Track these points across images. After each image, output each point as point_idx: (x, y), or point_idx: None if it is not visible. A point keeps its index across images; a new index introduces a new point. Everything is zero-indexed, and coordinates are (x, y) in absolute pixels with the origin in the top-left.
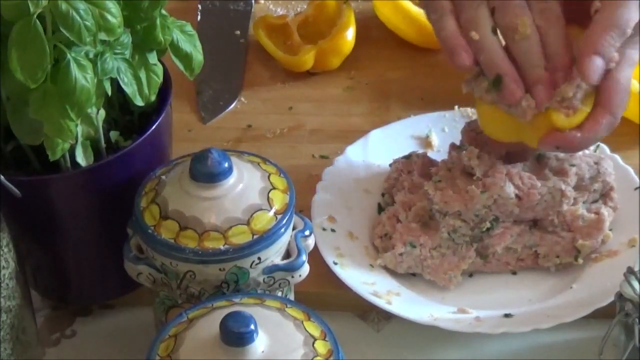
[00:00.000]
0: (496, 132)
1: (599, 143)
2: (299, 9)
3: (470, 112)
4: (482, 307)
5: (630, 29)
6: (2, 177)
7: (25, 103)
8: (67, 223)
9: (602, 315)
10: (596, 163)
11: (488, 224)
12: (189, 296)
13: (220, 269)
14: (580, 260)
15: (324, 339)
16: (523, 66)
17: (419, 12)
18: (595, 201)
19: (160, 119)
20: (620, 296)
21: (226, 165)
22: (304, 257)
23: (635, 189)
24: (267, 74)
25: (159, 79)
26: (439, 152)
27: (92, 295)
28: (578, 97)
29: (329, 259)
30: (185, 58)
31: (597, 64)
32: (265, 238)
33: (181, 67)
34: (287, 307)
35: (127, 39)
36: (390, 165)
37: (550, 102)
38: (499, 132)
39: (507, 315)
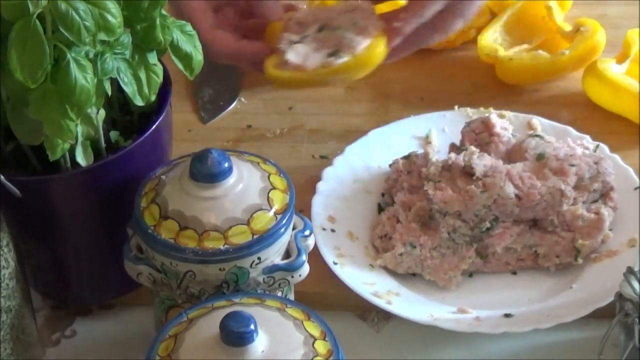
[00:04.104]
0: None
1: (598, 143)
2: None
3: (470, 112)
4: (482, 307)
5: None
6: (2, 177)
7: (25, 103)
8: (67, 223)
9: (602, 315)
10: (596, 163)
11: (488, 224)
12: (189, 296)
13: (220, 269)
14: (580, 260)
15: (324, 339)
16: None
17: None
18: (595, 201)
19: (160, 119)
20: (620, 296)
21: (226, 165)
22: (304, 257)
23: (635, 189)
24: None
25: (159, 79)
26: (439, 152)
27: (92, 295)
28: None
29: (329, 259)
30: (185, 58)
31: None
32: (265, 238)
33: (181, 67)
34: (287, 307)
35: (127, 39)
36: (390, 165)
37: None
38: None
39: (507, 315)
